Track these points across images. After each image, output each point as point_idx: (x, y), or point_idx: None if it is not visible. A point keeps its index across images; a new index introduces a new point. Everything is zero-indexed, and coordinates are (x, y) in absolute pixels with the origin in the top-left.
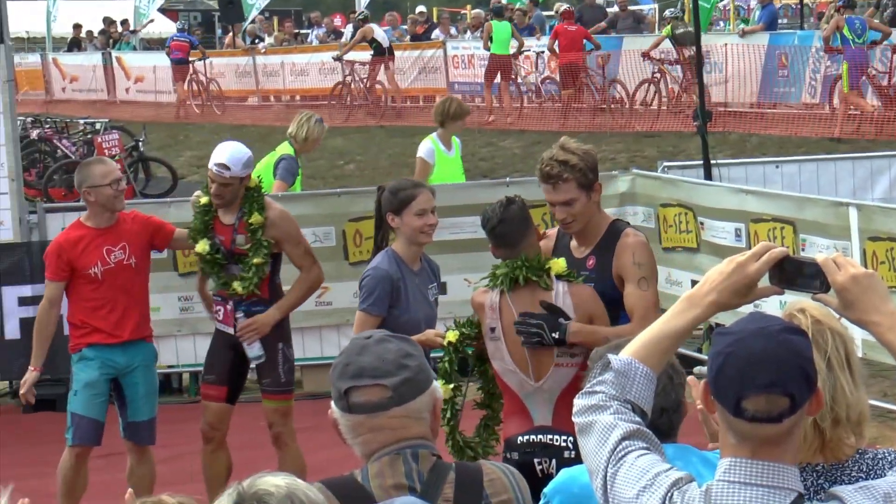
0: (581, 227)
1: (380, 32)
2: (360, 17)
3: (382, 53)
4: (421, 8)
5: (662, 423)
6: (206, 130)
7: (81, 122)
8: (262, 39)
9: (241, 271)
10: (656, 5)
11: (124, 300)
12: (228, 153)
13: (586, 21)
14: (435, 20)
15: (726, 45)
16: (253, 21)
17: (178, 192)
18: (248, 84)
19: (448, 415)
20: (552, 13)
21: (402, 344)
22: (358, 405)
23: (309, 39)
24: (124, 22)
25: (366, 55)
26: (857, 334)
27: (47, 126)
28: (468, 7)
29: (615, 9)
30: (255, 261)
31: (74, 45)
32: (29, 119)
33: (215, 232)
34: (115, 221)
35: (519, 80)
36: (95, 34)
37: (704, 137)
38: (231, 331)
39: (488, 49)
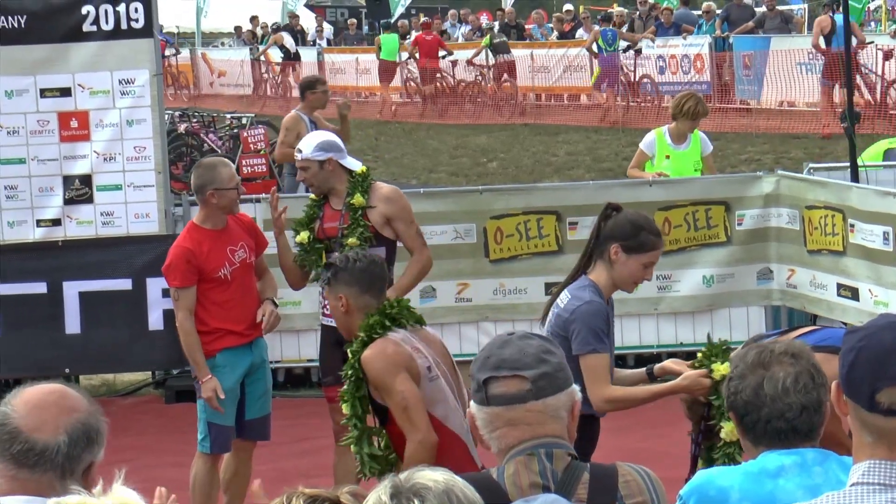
0: None
1: (289, 40)
2: (274, 27)
3: (290, 58)
4: (568, 6)
5: (802, 422)
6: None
7: (228, 116)
8: (410, 36)
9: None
10: (805, 5)
11: (250, 298)
12: (306, 138)
13: (733, 20)
14: (581, 19)
15: (877, 45)
16: (404, 17)
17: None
18: (397, 80)
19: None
20: (699, 12)
21: (544, 342)
22: (496, 396)
23: (455, 37)
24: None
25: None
26: None
27: (195, 120)
28: (614, 5)
29: (763, 9)
30: (350, 241)
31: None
32: (177, 113)
33: (323, 220)
34: (227, 222)
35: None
36: (244, 30)
37: (852, 139)
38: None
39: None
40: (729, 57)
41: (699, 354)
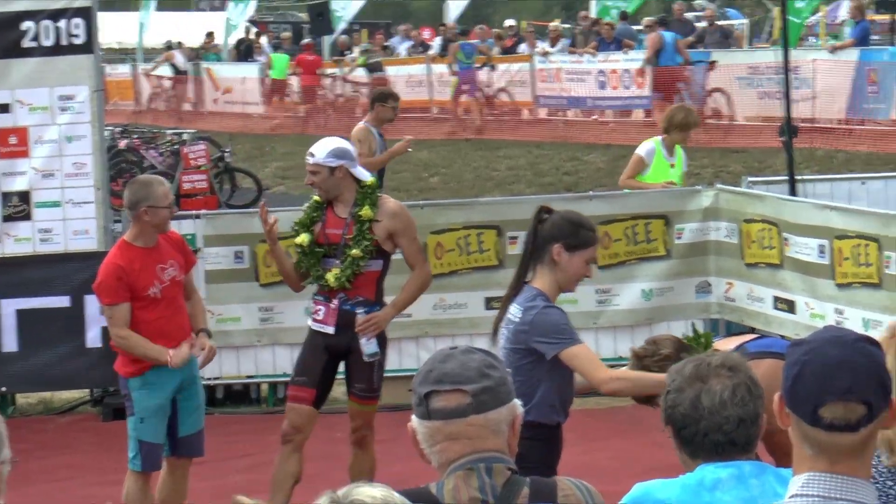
0: None
1: (179, 58)
2: (166, 45)
3: (179, 73)
4: (510, 21)
5: (739, 435)
6: (292, 142)
7: (169, 132)
8: (350, 51)
9: (339, 264)
10: (746, 20)
11: (180, 316)
12: (319, 143)
13: None
14: (523, 34)
15: (815, 60)
16: (344, 33)
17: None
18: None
19: None
20: (641, 27)
21: (486, 356)
22: (437, 410)
23: (397, 52)
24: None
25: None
26: None
27: (135, 136)
28: (556, 21)
29: (704, 24)
30: (354, 252)
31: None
32: (118, 129)
33: (326, 225)
34: (157, 240)
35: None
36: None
37: (790, 153)
38: (331, 330)
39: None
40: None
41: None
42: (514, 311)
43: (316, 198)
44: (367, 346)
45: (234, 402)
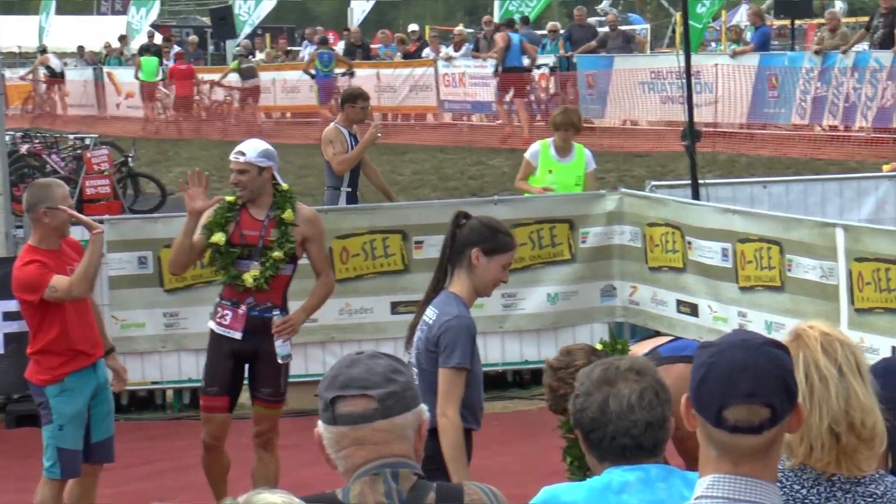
0: None
1: (55, 61)
2: (40, 49)
3: (55, 76)
4: (413, 26)
5: (647, 438)
6: (196, 146)
7: (71, 137)
8: (253, 55)
9: (258, 265)
10: (648, 26)
11: (89, 318)
12: (246, 143)
13: (575, 41)
14: (427, 39)
15: (717, 65)
16: (246, 37)
17: (167, 207)
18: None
19: None
20: (544, 32)
21: (392, 361)
22: (343, 416)
23: (301, 56)
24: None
25: None
26: None
27: (37, 141)
28: (460, 25)
29: (606, 28)
30: (276, 254)
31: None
32: (19, 134)
33: (241, 226)
34: (60, 244)
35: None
36: (88, 50)
37: (693, 157)
38: (238, 336)
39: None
40: (573, 76)
41: (599, 345)
42: (430, 314)
43: (229, 198)
44: (282, 348)
45: (138, 409)
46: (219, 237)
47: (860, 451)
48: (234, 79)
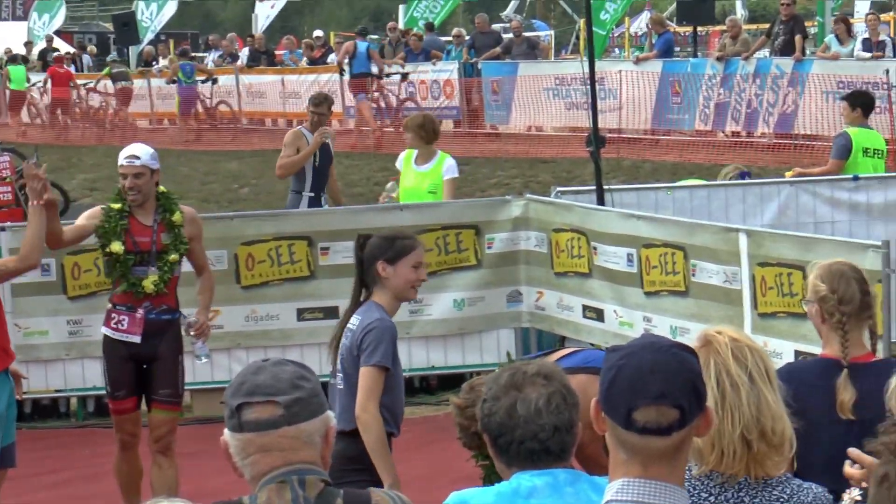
0: None
1: None
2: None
3: None
4: (318, 32)
5: (555, 442)
6: (100, 154)
7: None
8: (157, 62)
9: (156, 270)
10: (552, 32)
11: (4, 321)
12: (135, 146)
13: (479, 47)
14: (332, 45)
15: (620, 71)
16: (149, 43)
17: (70, 214)
18: (143, 107)
19: None
20: (449, 38)
21: (298, 368)
22: (249, 422)
23: (206, 62)
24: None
25: None
26: None
27: None
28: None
29: (510, 35)
30: (172, 258)
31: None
32: None
33: (132, 234)
34: None
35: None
36: None
37: (598, 163)
38: (137, 339)
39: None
40: (478, 83)
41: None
42: (354, 321)
43: (113, 205)
44: (202, 349)
45: (42, 417)
46: (117, 246)
47: (770, 457)
48: (110, 85)
